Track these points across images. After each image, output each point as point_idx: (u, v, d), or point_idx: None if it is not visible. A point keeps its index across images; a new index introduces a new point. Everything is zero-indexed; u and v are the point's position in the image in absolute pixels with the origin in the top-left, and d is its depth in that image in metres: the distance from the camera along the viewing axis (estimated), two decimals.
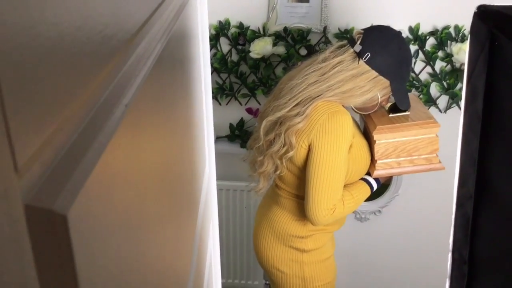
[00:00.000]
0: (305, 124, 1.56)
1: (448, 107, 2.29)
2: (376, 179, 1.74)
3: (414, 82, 2.25)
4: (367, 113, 1.73)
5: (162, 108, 0.61)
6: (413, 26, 2.18)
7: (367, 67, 1.57)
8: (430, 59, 2.21)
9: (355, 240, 2.67)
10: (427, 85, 2.25)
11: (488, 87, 0.86)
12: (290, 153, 1.59)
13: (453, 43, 2.15)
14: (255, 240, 1.84)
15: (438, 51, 2.20)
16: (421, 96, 2.27)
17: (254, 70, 2.29)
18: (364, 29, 1.63)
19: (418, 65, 2.24)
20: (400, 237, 2.63)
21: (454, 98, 2.26)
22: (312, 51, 2.26)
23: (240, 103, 2.38)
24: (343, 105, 1.62)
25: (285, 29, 2.22)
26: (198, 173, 0.97)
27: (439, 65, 2.23)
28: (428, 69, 2.24)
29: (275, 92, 1.71)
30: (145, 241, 0.51)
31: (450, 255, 1.17)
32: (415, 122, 1.65)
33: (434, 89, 2.27)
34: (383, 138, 1.64)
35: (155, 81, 0.57)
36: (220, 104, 2.39)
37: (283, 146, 1.60)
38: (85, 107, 0.37)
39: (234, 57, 2.30)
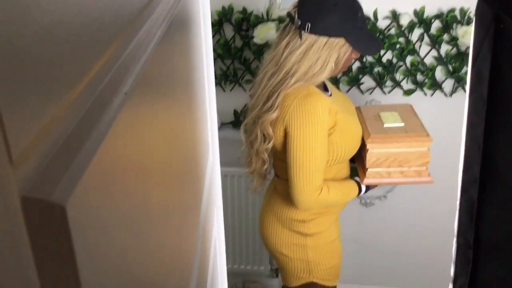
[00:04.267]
0: (278, 113, 1.56)
1: (453, 91, 2.27)
2: (366, 186, 1.75)
3: (420, 66, 2.23)
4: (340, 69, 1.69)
5: (163, 95, 0.61)
6: (418, 10, 2.15)
7: (314, 37, 1.51)
8: (435, 42, 2.18)
9: (360, 225, 2.67)
10: (432, 69, 2.23)
11: (493, 70, 0.84)
12: (270, 144, 1.61)
13: (459, 26, 2.13)
14: (260, 225, 1.86)
15: (444, 35, 2.17)
16: (426, 80, 2.26)
17: (258, 55, 2.27)
18: (298, 1, 1.58)
19: (423, 48, 2.22)
20: (406, 222, 2.63)
21: (460, 82, 2.24)
22: None
23: (244, 89, 2.37)
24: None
25: (289, 13, 2.20)
26: (201, 160, 0.96)
27: (444, 48, 2.20)
28: (434, 52, 2.22)
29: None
30: (148, 231, 0.50)
31: (455, 240, 1.17)
32: (408, 135, 1.66)
33: (439, 73, 2.25)
34: (375, 148, 1.65)
35: (156, 68, 0.56)
36: (224, 90, 2.38)
37: (263, 141, 1.62)
38: (83, 96, 0.36)
39: (238, 42, 2.29)
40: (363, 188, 1.74)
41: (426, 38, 2.20)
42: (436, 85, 2.26)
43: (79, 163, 0.33)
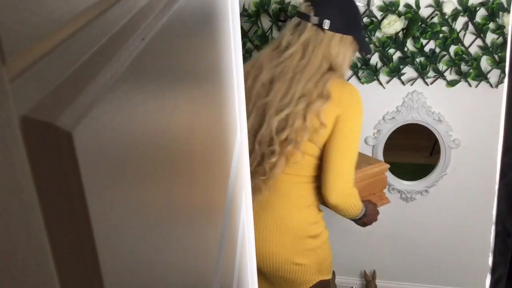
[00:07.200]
0: (330, 102, 1.56)
1: (499, 82, 2.19)
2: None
3: (464, 56, 2.16)
4: None
5: (186, 57, 0.59)
6: None
7: (330, 33, 1.57)
8: (480, 31, 2.11)
9: (400, 221, 2.60)
10: (477, 59, 2.15)
11: None
12: (322, 131, 1.58)
13: (505, 14, 2.05)
14: (263, 245, 1.70)
15: (489, 23, 2.09)
16: (470, 71, 2.18)
17: None
18: None
19: (468, 37, 2.15)
20: (448, 216, 2.55)
21: None
22: None
23: None
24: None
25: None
26: (228, 138, 0.94)
27: (490, 37, 2.12)
28: (479, 41, 2.14)
29: (249, 85, 1.66)
30: (169, 188, 0.49)
31: (493, 228, 1.11)
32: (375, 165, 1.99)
33: (484, 63, 2.17)
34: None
35: (178, 24, 0.54)
36: None
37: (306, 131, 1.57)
38: (97, 27, 0.34)
39: (275, 33, 2.27)
40: (361, 214, 1.76)
41: (470, 27, 2.12)
42: (481, 76, 2.18)
43: (91, 92, 0.31)
